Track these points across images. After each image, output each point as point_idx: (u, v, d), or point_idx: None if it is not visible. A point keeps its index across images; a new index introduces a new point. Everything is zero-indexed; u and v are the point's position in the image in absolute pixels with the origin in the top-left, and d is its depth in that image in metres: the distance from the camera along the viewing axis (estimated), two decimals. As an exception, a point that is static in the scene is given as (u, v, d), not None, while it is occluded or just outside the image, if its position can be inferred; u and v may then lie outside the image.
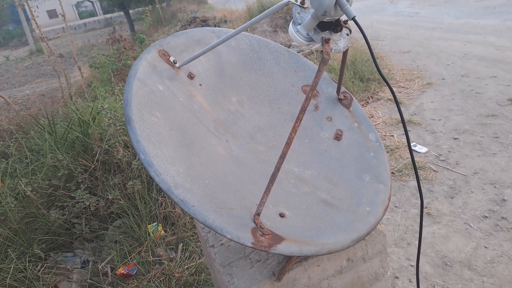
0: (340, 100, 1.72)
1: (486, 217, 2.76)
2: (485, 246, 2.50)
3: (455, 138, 3.95)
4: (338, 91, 1.68)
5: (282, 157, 1.10)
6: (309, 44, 1.13)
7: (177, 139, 1.23)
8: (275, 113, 1.63)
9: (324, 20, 1.07)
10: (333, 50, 1.11)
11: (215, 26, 11.89)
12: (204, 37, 1.57)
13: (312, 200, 1.34)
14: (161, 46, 1.43)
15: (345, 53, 1.37)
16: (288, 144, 1.09)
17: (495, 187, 3.07)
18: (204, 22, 12.83)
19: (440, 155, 3.70)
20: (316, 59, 6.58)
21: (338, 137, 1.61)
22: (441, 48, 7.03)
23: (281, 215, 1.21)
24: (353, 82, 5.62)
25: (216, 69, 1.58)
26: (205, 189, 1.12)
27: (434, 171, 3.44)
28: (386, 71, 6.16)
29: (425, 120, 4.47)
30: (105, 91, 4.40)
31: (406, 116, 4.60)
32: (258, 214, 1.10)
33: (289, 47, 7.53)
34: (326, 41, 1.08)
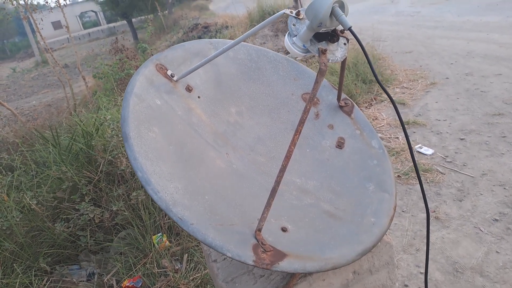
0: (341, 107, 1.70)
1: (496, 220, 2.71)
2: (496, 251, 2.45)
3: (462, 139, 3.90)
4: (338, 99, 1.65)
5: (282, 170, 1.07)
6: (305, 55, 1.11)
7: (176, 154, 1.22)
8: (275, 123, 1.61)
9: (320, 31, 1.05)
10: (330, 61, 1.10)
11: (216, 32, 11.94)
12: (202, 49, 1.56)
13: (315, 212, 1.32)
14: (158, 60, 1.42)
15: (343, 62, 1.35)
16: (287, 157, 1.07)
17: (504, 188, 3.02)
18: (206, 29, 12.89)
19: (447, 156, 3.65)
20: (318, 62, 6.56)
21: (340, 145, 1.59)
22: (443, 47, 6.97)
23: (283, 230, 1.19)
24: (355, 84, 5.58)
25: (215, 80, 1.56)
26: (205, 205, 1.10)
27: (441, 173, 3.39)
28: (388, 72, 6.12)
29: (430, 121, 4.42)
30: (108, 101, 4.42)
31: (410, 117, 4.56)
32: (260, 230, 1.08)
33: (288, 53, 7.52)
34: (322, 52, 1.06)
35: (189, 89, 1.47)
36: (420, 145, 3.91)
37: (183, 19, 18.28)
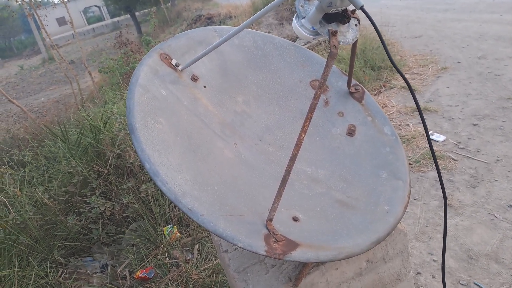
0: (351, 93, 1.66)
1: (511, 206, 2.65)
2: None
3: (475, 124, 3.81)
4: (348, 85, 1.61)
5: (293, 159, 1.04)
6: (315, 38, 1.07)
7: (183, 145, 1.20)
8: (284, 111, 1.58)
9: (330, 12, 1.00)
10: (341, 43, 1.05)
11: (220, 22, 11.84)
12: (206, 37, 1.53)
13: (327, 201, 1.29)
14: (162, 50, 1.39)
15: (354, 45, 1.30)
16: (298, 146, 1.04)
17: (519, 173, 2.95)
18: (210, 20, 12.80)
19: (459, 142, 3.58)
20: (325, 49, 6.46)
21: (351, 132, 1.55)
22: (454, 30, 6.80)
23: (295, 219, 1.16)
24: (363, 71, 5.48)
25: (220, 69, 1.53)
26: (214, 196, 1.08)
27: (454, 160, 3.33)
28: (398, 58, 6.00)
29: (441, 107, 4.33)
30: (114, 95, 4.41)
31: (421, 104, 4.47)
32: (271, 220, 1.05)
33: (295, 41, 7.41)
34: (333, 34, 1.02)
35: (194, 78, 1.44)
36: (431, 131, 3.84)
37: (186, 11, 18.16)
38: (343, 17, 1.05)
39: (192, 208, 0.97)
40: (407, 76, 5.40)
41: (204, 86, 1.45)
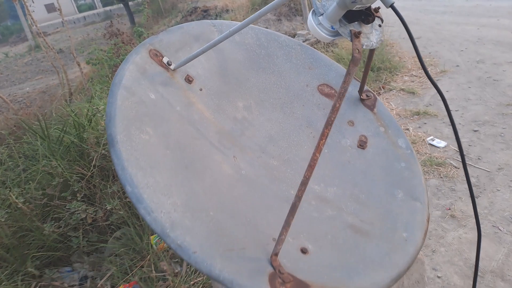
0: (362, 100, 1.49)
1: (516, 219, 2.53)
2: (518, 253, 2.28)
3: (475, 130, 3.70)
4: (361, 91, 1.45)
5: (305, 183, 0.87)
6: (334, 39, 0.89)
7: (174, 160, 1.01)
8: (288, 119, 1.40)
9: (354, 9, 0.83)
10: (364, 46, 0.88)
11: (216, 16, 11.58)
12: (203, 31, 1.34)
13: (339, 227, 1.12)
14: (152, 45, 1.20)
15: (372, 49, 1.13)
16: (311, 167, 0.87)
17: (523, 184, 2.84)
18: (205, 12, 12.52)
19: (461, 149, 3.45)
20: (323, 48, 6.30)
21: (362, 144, 1.39)
22: (453, 33, 6.71)
23: (303, 251, 0.99)
24: (362, 72, 5.32)
25: (219, 69, 1.35)
26: (210, 225, 0.90)
27: (455, 167, 3.20)
28: (396, 59, 5.87)
29: (441, 111, 4.20)
30: (101, 90, 4.16)
31: (421, 107, 4.34)
32: (276, 255, 0.88)
33: (293, 37, 7.22)
34: (356, 35, 0.84)
35: (189, 79, 1.25)
36: (432, 137, 3.71)
37: (181, 2, 17.75)
38: (366, 15, 0.88)
39: (183, 244, 0.79)
40: (406, 78, 5.28)
41: (200, 89, 1.27)
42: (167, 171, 0.96)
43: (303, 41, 6.46)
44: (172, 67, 1.21)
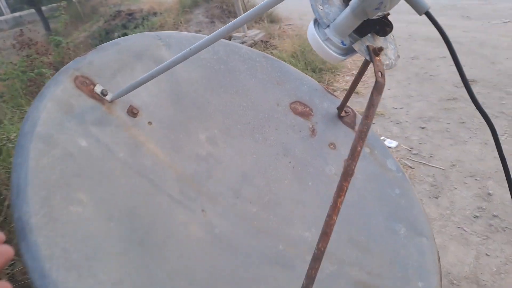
0: (340, 117, 1.29)
1: (477, 217, 2.54)
2: (486, 254, 2.26)
3: (422, 127, 3.76)
4: (341, 108, 1.24)
5: (318, 258, 0.64)
6: (345, 59, 0.66)
7: (122, 236, 0.71)
8: (261, 148, 1.15)
9: (373, 18, 0.61)
10: (385, 66, 0.66)
11: (143, 19, 10.90)
12: (147, 47, 1.03)
13: (344, 287, 0.90)
14: (79, 70, 0.87)
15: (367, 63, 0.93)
16: (326, 235, 0.64)
17: (476, 179, 2.89)
18: (131, 16, 11.76)
19: (412, 148, 3.47)
20: (263, 50, 6.14)
21: (349, 172, 1.18)
22: (385, 31, 6.94)
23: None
24: (305, 73, 5.25)
25: (171, 94, 1.05)
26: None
27: (411, 167, 3.19)
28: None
29: (387, 110, 4.24)
30: (12, 113, 3.52)
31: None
32: None
33: (229, 39, 6.95)
34: (375, 52, 0.62)
35: (133, 112, 0.94)
36: (383, 137, 3.70)
37: (102, 6, 16.53)
38: (383, 25, 0.66)
39: None
40: (348, 78, 5.30)
41: (149, 123, 0.97)
42: (113, 259, 0.65)
43: (241, 43, 6.24)
44: (108, 97, 0.89)
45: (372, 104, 0.61)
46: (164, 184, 0.88)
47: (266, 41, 6.55)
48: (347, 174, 0.61)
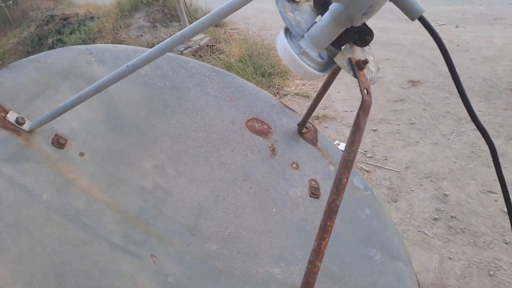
0: (301, 134, 1.21)
1: (436, 219, 2.60)
2: (449, 257, 2.30)
3: (374, 130, 3.83)
4: (303, 124, 1.15)
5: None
6: (323, 74, 0.56)
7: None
8: (218, 173, 1.03)
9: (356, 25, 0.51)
10: (369, 81, 0.57)
11: (79, 24, 10.27)
12: (75, 63, 0.87)
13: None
14: (-18, 96, 0.69)
15: (334, 72, 0.85)
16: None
17: (431, 181, 2.96)
18: (65, 21, 11.05)
19: (366, 151, 3.52)
20: (209, 55, 5.98)
21: (315, 192, 1.10)
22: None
23: None
24: (255, 78, 5.20)
25: (107, 117, 0.89)
26: None
27: (367, 171, 3.22)
28: (284, 63, 5.90)
29: (338, 113, 4.29)
30: None
31: (318, 111, 4.36)
32: None
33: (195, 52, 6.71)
34: (359, 66, 0.52)
35: (59, 142, 0.78)
36: (337, 141, 3.72)
37: (33, 9, 15.39)
38: (363, 34, 0.56)
39: None
40: (297, 82, 5.32)
41: (81, 153, 0.80)
42: None
43: (185, 49, 6.04)
44: (26, 126, 0.72)
45: (358, 128, 0.51)
46: (102, 229, 0.73)
47: (212, 45, 6.41)
48: (331, 212, 0.51)
